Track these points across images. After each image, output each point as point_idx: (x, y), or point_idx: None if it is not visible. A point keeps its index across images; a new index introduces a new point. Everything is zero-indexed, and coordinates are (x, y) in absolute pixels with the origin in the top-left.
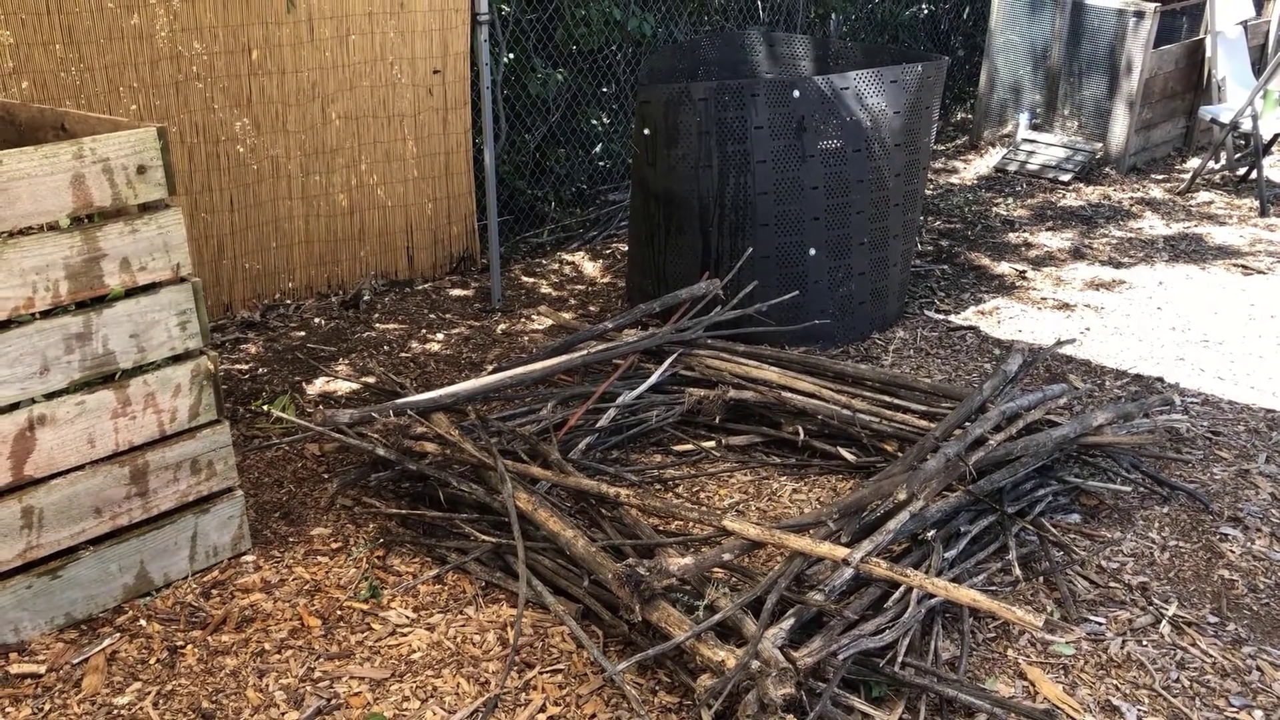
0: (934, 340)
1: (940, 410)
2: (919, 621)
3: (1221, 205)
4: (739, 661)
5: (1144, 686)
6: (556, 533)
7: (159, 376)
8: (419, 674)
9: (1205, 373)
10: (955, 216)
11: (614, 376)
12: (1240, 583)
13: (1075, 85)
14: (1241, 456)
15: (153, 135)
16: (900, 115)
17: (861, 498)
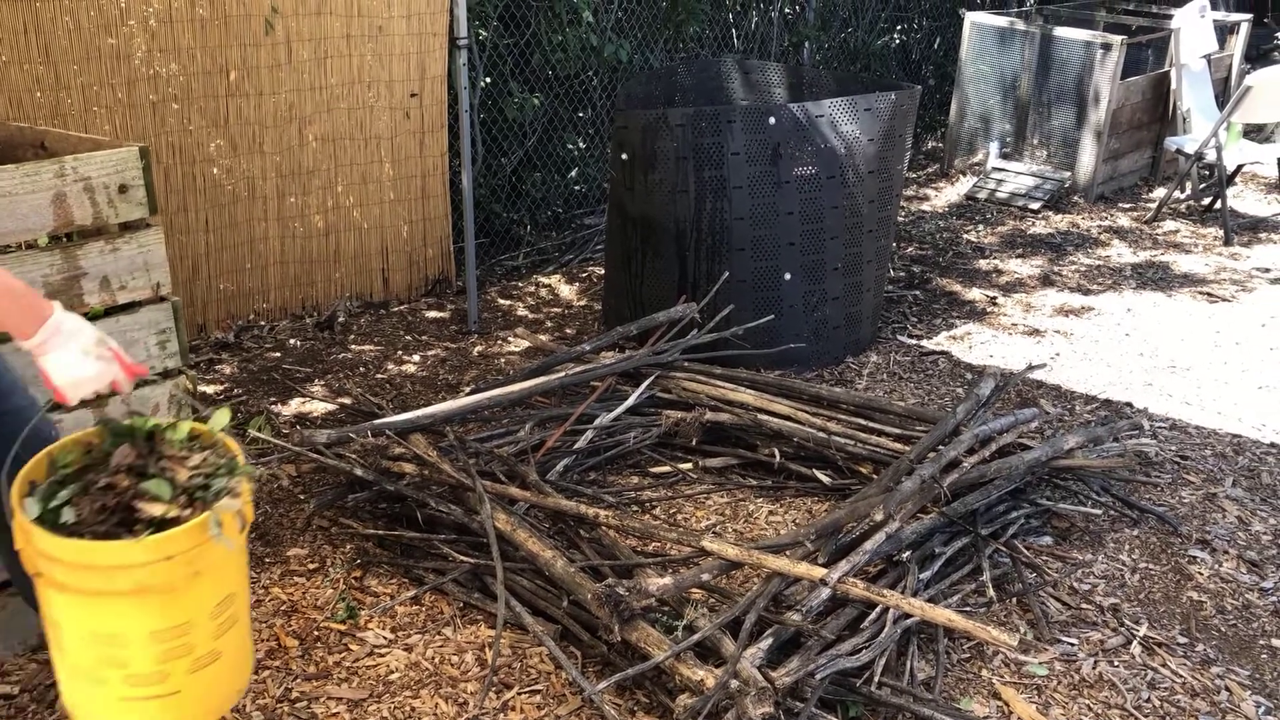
0: (907, 364)
1: (914, 433)
2: (895, 642)
3: (1187, 234)
4: (718, 681)
5: (1116, 706)
6: (535, 553)
7: (138, 395)
8: (397, 695)
9: (1173, 398)
10: (927, 243)
11: (591, 398)
12: (1209, 604)
13: (1044, 115)
14: (1209, 480)
15: (135, 155)
16: (874, 143)
17: (838, 519)
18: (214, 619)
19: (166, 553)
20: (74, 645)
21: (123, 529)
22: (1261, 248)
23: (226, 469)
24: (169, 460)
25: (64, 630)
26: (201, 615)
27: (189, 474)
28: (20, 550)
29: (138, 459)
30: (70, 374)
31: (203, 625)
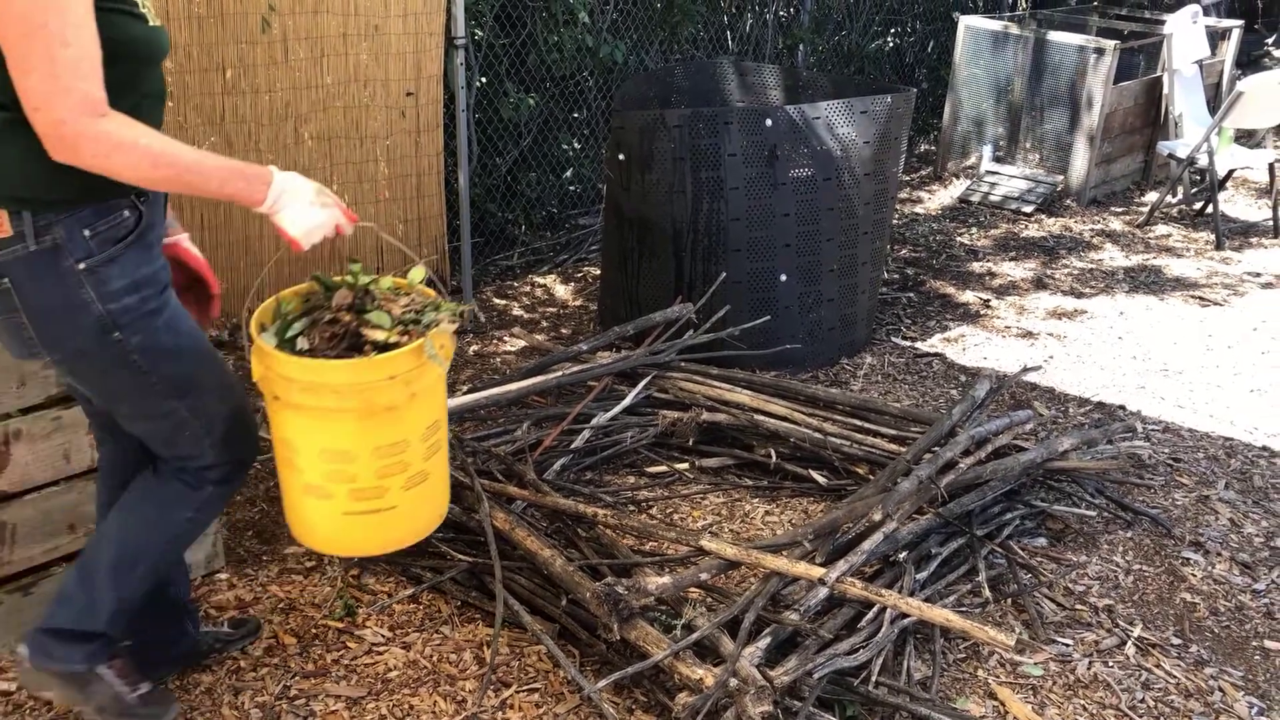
0: (901, 366)
1: (910, 434)
2: (892, 641)
3: (1179, 238)
4: (718, 679)
5: (1110, 707)
6: (534, 552)
7: None
8: (395, 693)
9: (1165, 401)
10: (921, 246)
11: (588, 398)
12: (1202, 605)
13: (1037, 119)
14: (1201, 483)
15: None
16: (870, 145)
17: (836, 519)
18: (424, 441)
19: (391, 372)
20: (307, 462)
21: (352, 352)
22: (1253, 252)
23: (433, 306)
24: (382, 301)
25: (298, 449)
26: (415, 436)
27: (401, 310)
28: (259, 378)
29: (355, 300)
30: (303, 225)
31: (415, 446)
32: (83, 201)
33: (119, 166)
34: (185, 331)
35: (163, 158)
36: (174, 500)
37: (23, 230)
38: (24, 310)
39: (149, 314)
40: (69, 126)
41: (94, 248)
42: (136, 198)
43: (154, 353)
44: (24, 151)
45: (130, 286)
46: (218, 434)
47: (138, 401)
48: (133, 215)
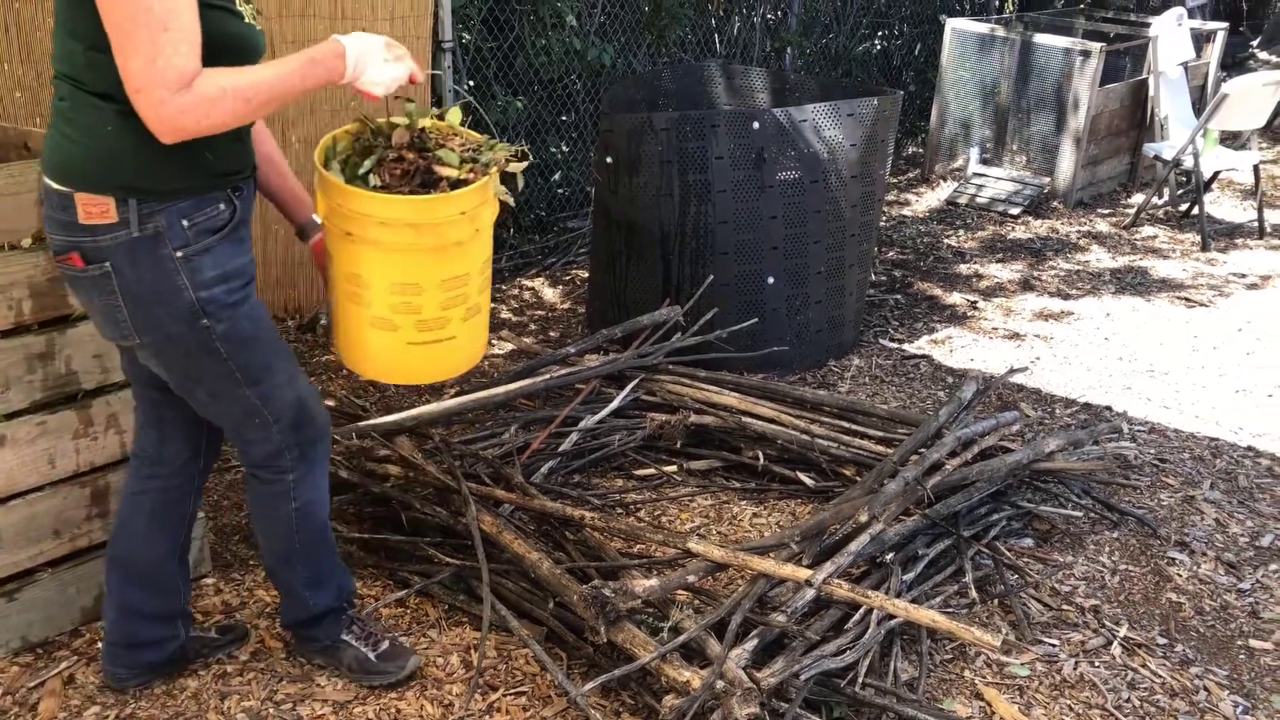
0: (888, 368)
1: (897, 436)
2: (879, 643)
3: (1165, 240)
4: (704, 681)
5: (1096, 706)
6: (521, 555)
7: (122, 397)
8: (382, 696)
9: (1151, 402)
10: (908, 248)
11: (576, 401)
12: (1187, 605)
13: (1024, 121)
14: (1187, 483)
15: None
16: (856, 147)
17: (822, 520)
18: (481, 274)
19: (463, 207)
20: (377, 296)
21: (426, 189)
22: (1238, 253)
23: (487, 146)
24: (438, 138)
25: (369, 284)
26: (475, 270)
27: (459, 149)
28: (326, 214)
29: (414, 139)
30: (383, 84)
31: (475, 279)
32: (184, 193)
33: (222, 118)
34: (263, 323)
35: (249, 90)
36: (272, 502)
37: (127, 218)
38: (121, 294)
39: (234, 304)
40: (168, 105)
41: (191, 237)
42: (232, 191)
43: (235, 340)
44: (135, 143)
45: (220, 277)
46: (286, 420)
47: (213, 385)
48: (228, 209)
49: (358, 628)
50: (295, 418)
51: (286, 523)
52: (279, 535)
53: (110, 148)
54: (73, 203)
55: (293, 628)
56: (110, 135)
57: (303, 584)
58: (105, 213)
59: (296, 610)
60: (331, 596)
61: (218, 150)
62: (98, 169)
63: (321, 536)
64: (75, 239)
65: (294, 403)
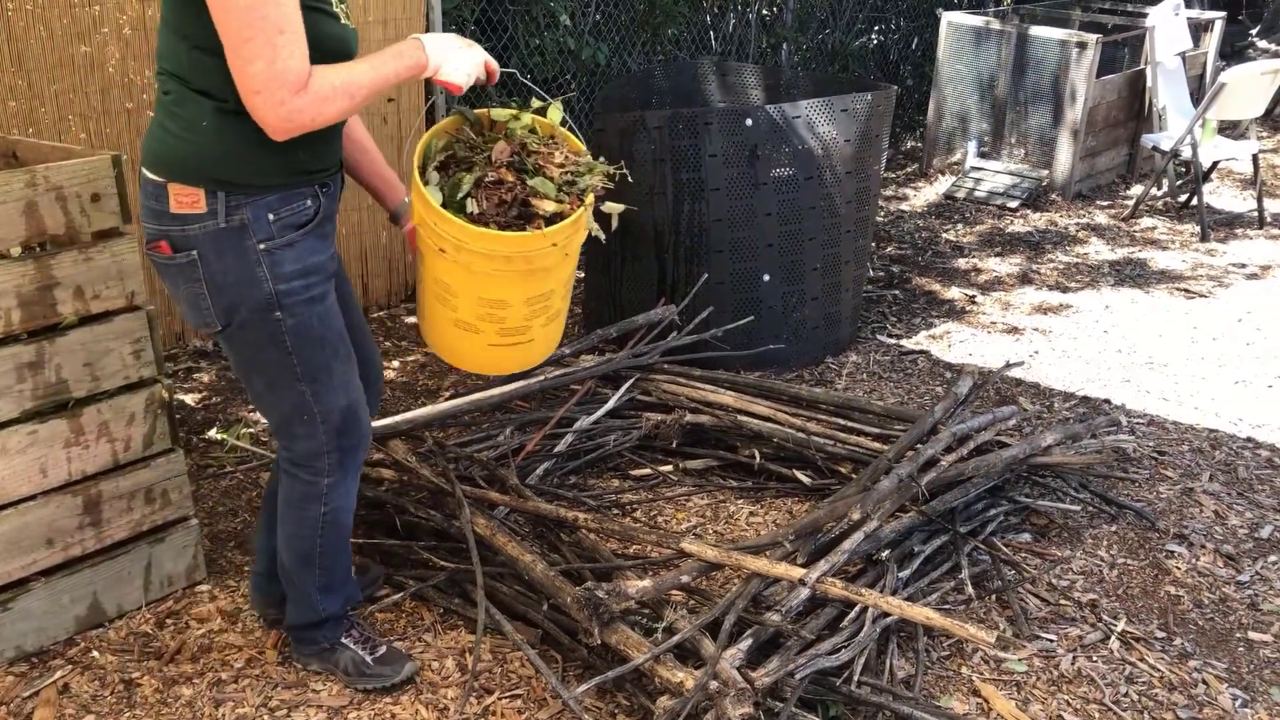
0: (886, 364)
1: (894, 432)
2: (874, 640)
3: (1164, 230)
4: (698, 682)
5: (1094, 701)
6: (515, 557)
7: (112, 405)
8: (377, 701)
9: (1150, 394)
10: (906, 243)
11: (571, 401)
12: (1186, 598)
13: (1021, 114)
14: (1186, 475)
15: (107, 163)
16: (851, 143)
17: (817, 519)
18: (565, 286)
19: (555, 240)
20: (463, 305)
21: (521, 221)
22: (1237, 243)
23: (586, 168)
24: (539, 157)
25: (457, 294)
26: (560, 285)
27: (559, 171)
28: (419, 223)
29: (513, 155)
30: (462, 73)
31: (559, 292)
32: (272, 188)
33: (333, 114)
34: (333, 325)
35: (355, 86)
36: (302, 502)
37: (215, 209)
38: (205, 282)
39: (310, 300)
40: (287, 105)
41: (275, 231)
42: (320, 188)
43: (302, 336)
44: (229, 139)
45: (300, 271)
46: (333, 422)
47: (273, 377)
48: (314, 205)
49: (357, 631)
50: (341, 422)
51: (313, 525)
52: (304, 536)
53: (205, 141)
54: (166, 193)
55: (295, 629)
56: (206, 130)
57: (316, 588)
58: (195, 203)
59: (304, 613)
60: (338, 604)
61: (311, 148)
62: (191, 161)
63: (343, 545)
64: (165, 227)
65: (344, 408)
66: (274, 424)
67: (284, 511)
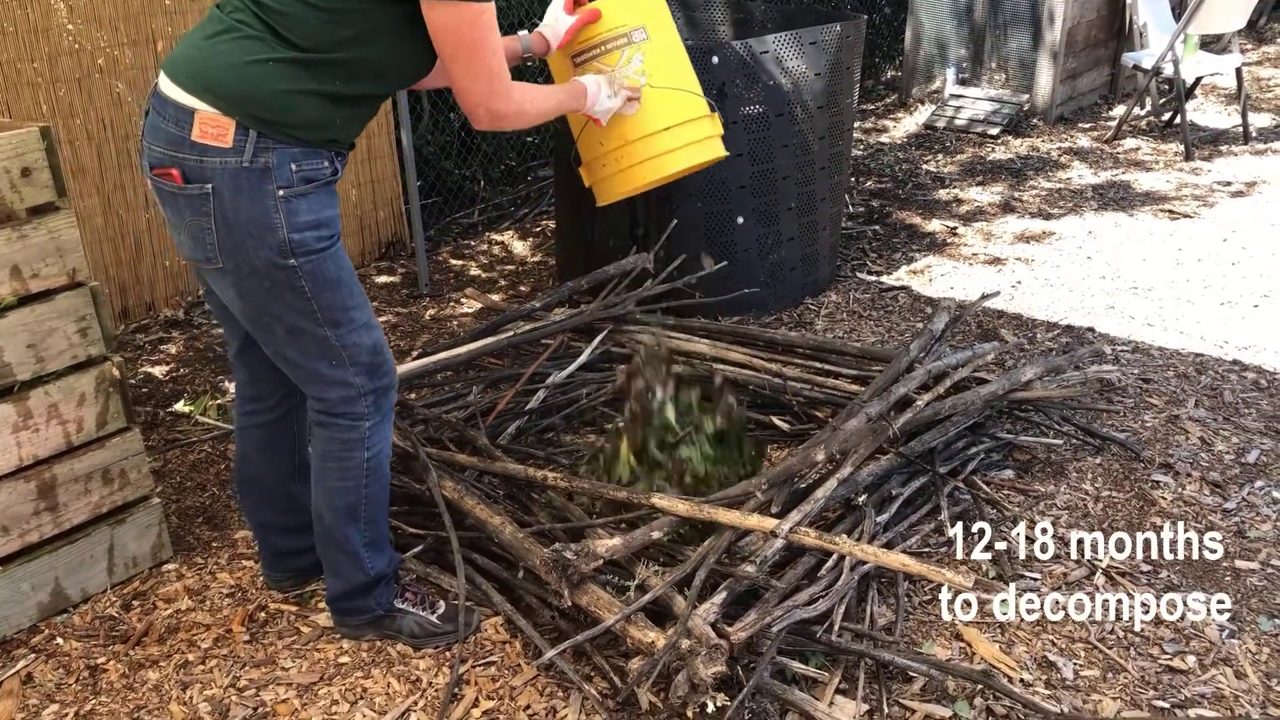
0: (866, 302)
1: (871, 373)
2: (853, 588)
3: (1148, 151)
4: (667, 642)
5: (1080, 640)
6: (484, 520)
7: (61, 386)
8: (348, 676)
9: (1135, 320)
10: (886, 176)
11: (543, 357)
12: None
13: (1000, 38)
14: (1171, 402)
15: (35, 136)
16: (821, 77)
17: (789, 466)
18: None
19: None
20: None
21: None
22: (1223, 161)
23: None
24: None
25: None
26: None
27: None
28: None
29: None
30: (607, 111)
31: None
32: (301, 142)
33: (525, 124)
34: (347, 269)
35: (546, 105)
36: (343, 450)
37: (243, 145)
38: (215, 217)
39: (320, 250)
40: (503, 119)
41: (295, 180)
42: (336, 154)
43: (320, 280)
44: (284, 83)
45: (314, 223)
46: (363, 363)
47: (294, 322)
48: (330, 166)
49: (411, 594)
50: (371, 362)
51: (358, 473)
52: (348, 488)
53: (265, 78)
54: (191, 119)
55: (342, 600)
56: (272, 69)
57: (364, 545)
58: (221, 136)
59: (351, 577)
60: (386, 561)
61: (348, 127)
62: (240, 93)
63: (386, 496)
64: (181, 155)
65: (371, 347)
66: (303, 375)
67: (322, 467)
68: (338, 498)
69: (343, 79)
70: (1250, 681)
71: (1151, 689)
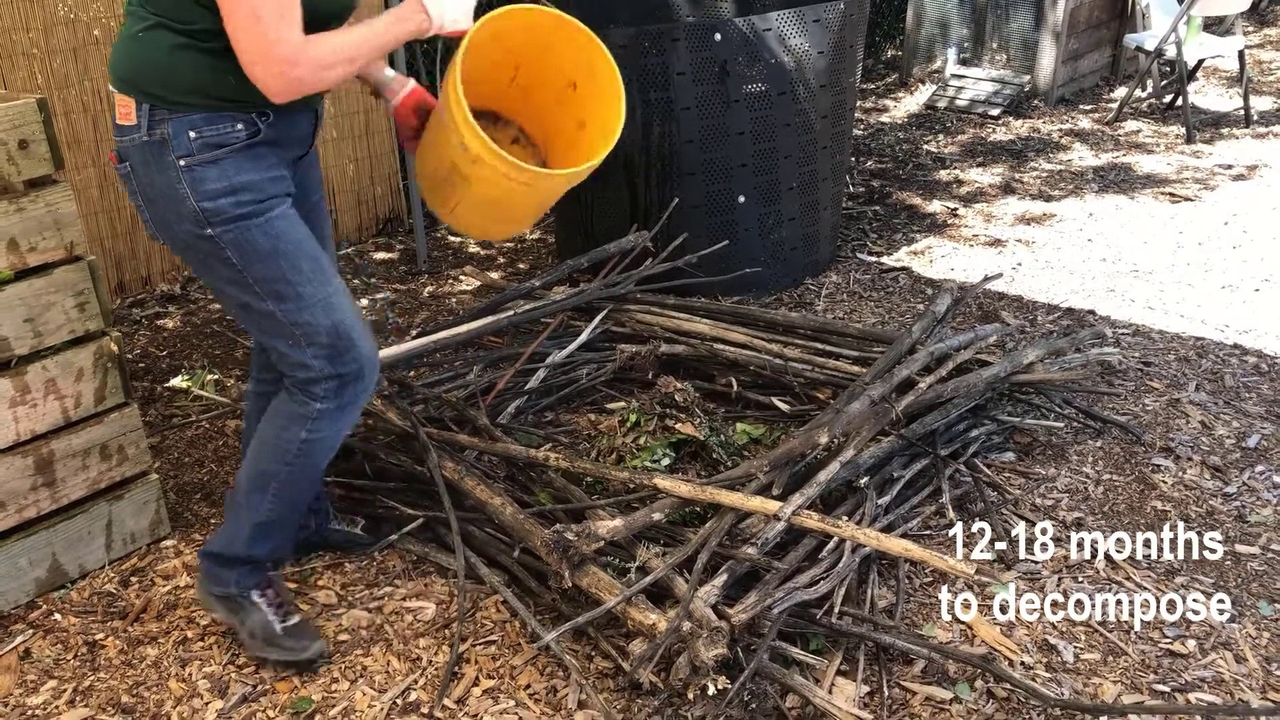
0: (867, 283)
1: (872, 354)
2: (854, 571)
3: (1149, 133)
4: (669, 625)
5: (1080, 623)
6: (484, 501)
7: (59, 361)
8: (348, 654)
9: (1135, 303)
10: (886, 156)
11: (543, 336)
12: (1173, 513)
13: (1002, 18)
14: (1172, 386)
15: (32, 107)
16: (824, 55)
17: (791, 448)
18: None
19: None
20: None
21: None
22: (1224, 144)
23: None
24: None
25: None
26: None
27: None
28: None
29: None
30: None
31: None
32: (197, 108)
33: (333, 79)
34: (285, 238)
35: (353, 50)
36: (287, 421)
37: (141, 121)
38: (140, 194)
39: (243, 216)
40: (286, 76)
41: (195, 149)
42: (258, 115)
43: (246, 251)
44: (159, 54)
45: (227, 189)
46: (321, 343)
47: (236, 296)
48: (247, 129)
49: (272, 592)
50: (332, 344)
51: (288, 448)
52: (273, 456)
53: (139, 53)
54: (114, 105)
55: (211, 558)
56: (143, 42)
57: (257, 522)
58: (127, 114)
59: (230, 540)
60: (267, 551)
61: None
62: (129, 72)
63: (308, 485)
64: (116, 138)
65: (330, 328)
66: (270, 351)
67: (266, 420)
68: (260, 459)
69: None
70: (1250, 666)
71: (1152, 673)
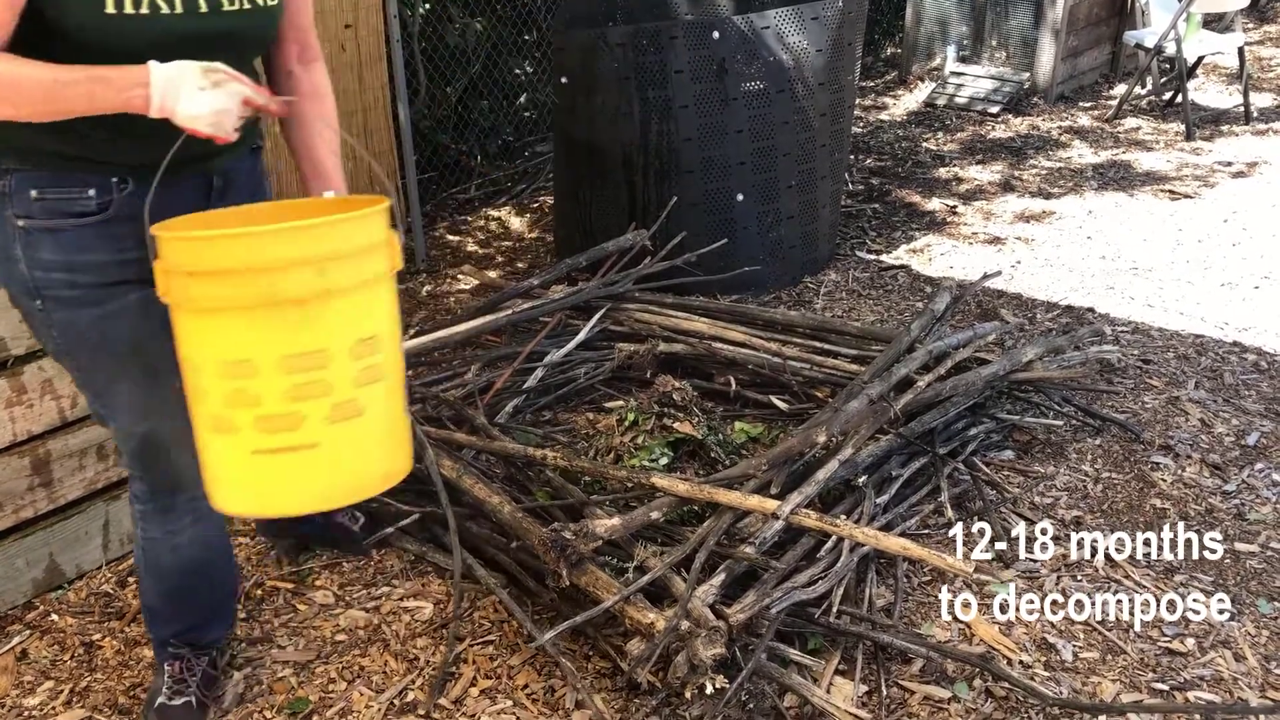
0: (866, 281)
1: (871, 353)
2: (853, 570)
3: (1148, 131)
4: (667, 624)
5: (1079, 622)
6: (482, 499)
7: (55, 362)
8: (345, 654)
9: (1135, 301)
10: (885, 154)
11: (541, 335)
12: (1172, 511)
13: (1001, 15)
14: (1171, 384)
15: None
16: (823, 53)
17: (789, 447)
18: (354, 358)
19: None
20: (209, 383)
21: None
22: (1224, 141)
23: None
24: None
25: (199, 369)
26: (338, 348)
27: None
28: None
29: None
30: (204, 116)
31: (341, 361)
32: (42, 164)
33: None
34: (119, 337)
35: (20, 91)
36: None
37: None
38: None
39: (77, 300)
40: None
41: (35, 210)
42: (117, 182)
43: (71, 339)
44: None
45: (63, 264)
46: (131, 447)
47: (69, 370)
48: (99, 197)
49: (180, 668)
50: (141, 452)
51: (137, 548)
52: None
53: None
54: None
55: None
56: None
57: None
58: None
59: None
60: (164, 634)
61: (108, 131)
62: None
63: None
64: None
65: (142, 436)
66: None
67: None
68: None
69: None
70: (1249, 664)
71: (1151, 671)
